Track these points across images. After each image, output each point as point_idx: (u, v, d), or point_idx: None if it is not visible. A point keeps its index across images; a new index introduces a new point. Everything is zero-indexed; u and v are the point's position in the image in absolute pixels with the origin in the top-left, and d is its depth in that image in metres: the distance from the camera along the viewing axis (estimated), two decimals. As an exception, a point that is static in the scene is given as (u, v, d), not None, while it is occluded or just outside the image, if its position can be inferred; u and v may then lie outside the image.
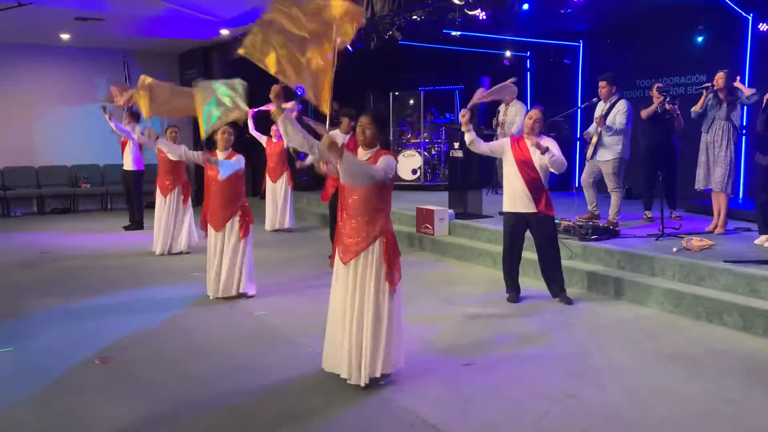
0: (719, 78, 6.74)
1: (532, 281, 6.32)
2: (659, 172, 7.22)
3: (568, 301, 5.70)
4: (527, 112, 8.35)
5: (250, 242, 6.02)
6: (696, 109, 6.93)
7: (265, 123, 8.94)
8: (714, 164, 6.77)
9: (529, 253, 6.01)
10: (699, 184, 6.97)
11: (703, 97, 6.90)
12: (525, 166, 5.53)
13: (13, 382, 4.15)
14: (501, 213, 7.34)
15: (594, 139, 7.18)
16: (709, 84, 6.92)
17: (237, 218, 5.94)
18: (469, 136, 5.62)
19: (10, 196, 12.21)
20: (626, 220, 7.43)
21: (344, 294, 3.92)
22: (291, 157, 9.99)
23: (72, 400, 3.84)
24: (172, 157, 7.76)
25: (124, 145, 9.86)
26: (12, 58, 12.24)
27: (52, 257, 8.14)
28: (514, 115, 8.31)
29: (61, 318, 5.50)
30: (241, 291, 5.96)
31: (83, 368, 4.35)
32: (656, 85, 7.67)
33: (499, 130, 8.42)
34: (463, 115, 5.52)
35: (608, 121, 7.08)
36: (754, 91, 6.61)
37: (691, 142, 7.36)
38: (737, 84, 6.74)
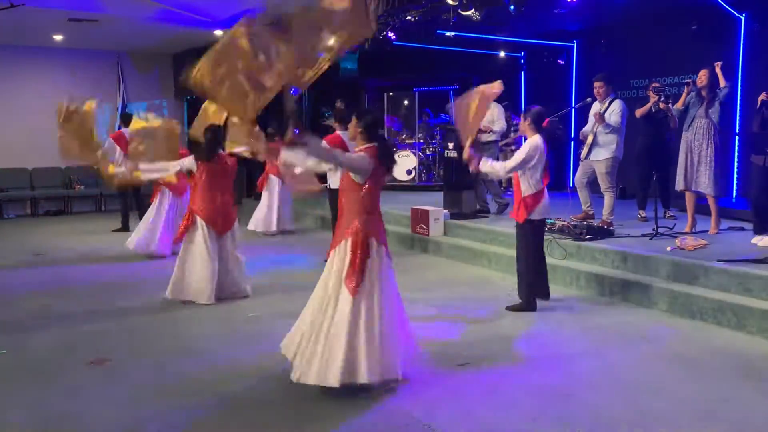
0: (702, 75, 6.73)
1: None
2: (654, 172, 7.24)
3: (509, 308, 5.56)
4: (504, 113, 8.40)
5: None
6: (678, 106, 6.94)
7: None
8: (698, 165, 6.74)
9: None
10: (679, 185, 6.94)
11: (684, 94, 6.91)
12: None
13: (6, 384, 4.14)
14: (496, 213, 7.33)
15: (590, 139, 7.18)
16: (689, 80, 6.92)
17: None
18: (484, 165, 5.32)
19: (4, 198, 12.17)
20: (620, 219, 7.45)
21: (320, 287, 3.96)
22: None
23: (66, 402, 3.83)
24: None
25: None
26: (5, 59, 12.20)
27: (46, 259, 8.11)
28: (492, 117, 8.31)
29: (54, 320, 5.48)
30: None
31: (77, 370, 4.34)
32: (652, 85, 7.68)
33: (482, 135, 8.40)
34: (469, 161, 5.24)
35: (605, 118, 7.07)
36: (727, 85, 6.65)
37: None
38: (717, 70, 6.75)
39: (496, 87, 5.06)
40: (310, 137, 3.81)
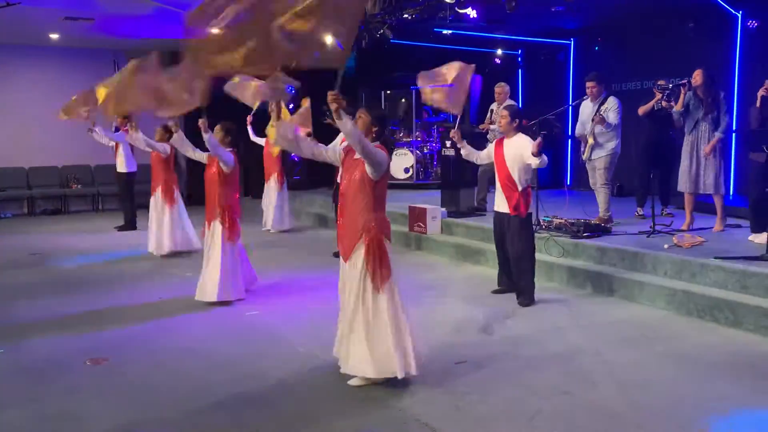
0: (696, 75, 6.70)
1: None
2: (652, 173, 7.27)
3: (524, 304, 5.61)
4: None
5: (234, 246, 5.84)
6: (677, 108, 6.90)
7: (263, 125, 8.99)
8: (702, 167, 6.71)
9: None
10: (681, 187, 6.91)
11: (682, 96, 6.85)
12: (501, 166, 5.61)
13: (4, 384, 4.13)
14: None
15: (590, 141, 7.14)
16: (684, 81, 6.89)
17: (219, 219, 5.77)
18: (465, 151, 5.82)
19: (0, 197, 12.13)
20: (618, 217, 7.46)
21: (342, 291, 4.00)
22: (284, 158, 9.96)
23: (64, 402, 3.83)
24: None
25: (116, 146, 9.81)
26: (1, 58, 12.16)
27: (43, 259, 8.09)
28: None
29: (52, 319, 5.46)
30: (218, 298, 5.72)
31: (75, 369, 4.33)
32: (657, 82, 7.64)
33: (490, 132, 8.38)
34: (453, 136, 5.74)
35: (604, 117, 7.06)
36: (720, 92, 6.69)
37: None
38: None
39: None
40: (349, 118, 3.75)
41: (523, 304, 5.61)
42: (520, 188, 5.52)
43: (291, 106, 9.60)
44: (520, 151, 5.44)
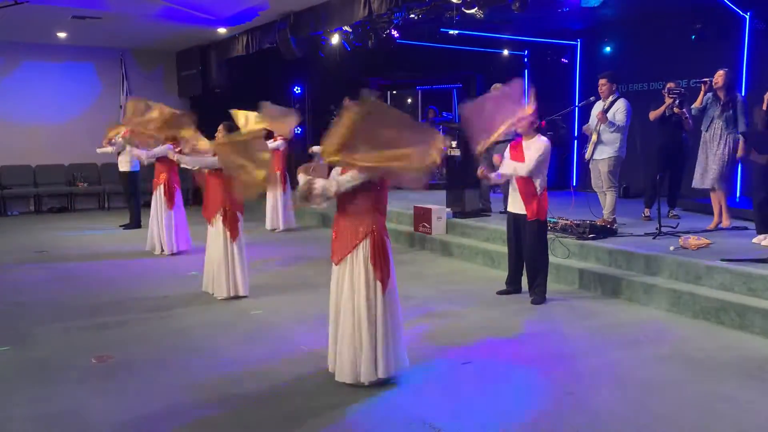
0: (718, 76, 6.73)
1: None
2: (658, 175, 7.25)
3: (536, 302, 5.67)
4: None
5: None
6: (696, 105, 6.95)
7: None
8: (711, 162, 6.82)
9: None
10: (696, 182, 7.04)
11: (701, 92, 6.90)
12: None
13: (10, 381, 4.15)
14: (502, 212, 7.39)
15: (594, 138, 7.13)
16: (707, 79, 6.91)
17: (221, 218, 5.88)
18: (502, 174, 5.74)
19: (7, 195, 12.19)
20: (623, 218, 7.43)
21: (335, 294, 3.94)
22: (289, 158, 9.98)
23: (69, 399, 3.84)
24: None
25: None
26: (9, 56, 12.22)
27: (49, 256, 8.13)
28: None
29: (58, 317, 5.49)
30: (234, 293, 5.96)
31: (81, 367, 4.35)
32: (668, 86, 7.62)
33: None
34: (481, 174, 5.80)
35: (608, 117, 7.05)
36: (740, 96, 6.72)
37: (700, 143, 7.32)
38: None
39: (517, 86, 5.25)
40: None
41: (536, 302, 5.67)
42: (539, 192, 5.53)
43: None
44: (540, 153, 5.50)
